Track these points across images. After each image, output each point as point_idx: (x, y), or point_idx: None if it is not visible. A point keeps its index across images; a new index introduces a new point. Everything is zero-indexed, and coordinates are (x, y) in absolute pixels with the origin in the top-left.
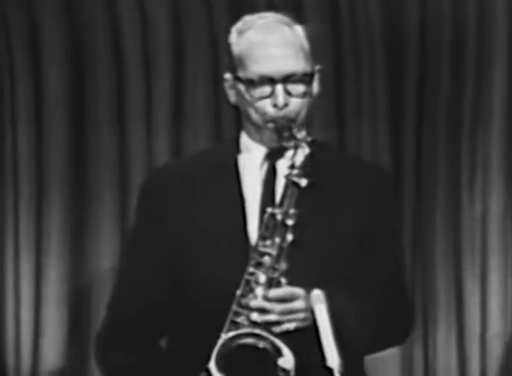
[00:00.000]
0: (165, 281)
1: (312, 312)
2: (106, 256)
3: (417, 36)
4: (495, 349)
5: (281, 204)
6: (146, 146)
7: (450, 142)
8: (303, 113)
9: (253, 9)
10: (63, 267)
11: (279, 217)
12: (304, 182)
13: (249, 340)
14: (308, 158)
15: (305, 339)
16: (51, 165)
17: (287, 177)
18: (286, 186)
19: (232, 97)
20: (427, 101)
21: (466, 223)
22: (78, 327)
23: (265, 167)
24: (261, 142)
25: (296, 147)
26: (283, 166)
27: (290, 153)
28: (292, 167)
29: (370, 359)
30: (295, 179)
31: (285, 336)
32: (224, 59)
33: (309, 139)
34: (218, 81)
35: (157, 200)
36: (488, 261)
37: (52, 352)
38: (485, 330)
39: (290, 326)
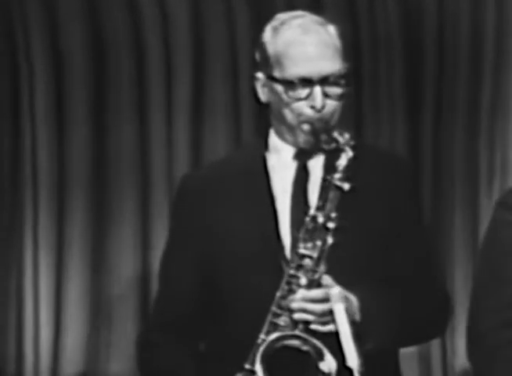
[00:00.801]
0: (200, 285)
1: (331, 311)
2: (126, 256)
3: (435, 34)
4: None
5: (323, 207)
6: (166, 143)
7: (468, 139)
8: (337, 116)
9: (272, 7)
10: (84, 268)
11: (320, 220)
12: (346, 186)
13: (292, 342)
14: (351, 162)
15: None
16: (71, 166)
17: (330, 180)
18: (328, 189)
19: (263, 96)
20: (445, 99)
21: (484, 220)
22: (98, 329)
23: (295, 167)
24: (294, 143)
25: (338, 150)
26: (314, 166)
27: (327, 155)
28: (334, 170)
29: None
30: (338, 183)
31: (326, 337)
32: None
33: (352, 142)
34: (237, 78)
35: (191, 205)
36: None
37: (72, 354)
38: None
39: (331, 327)
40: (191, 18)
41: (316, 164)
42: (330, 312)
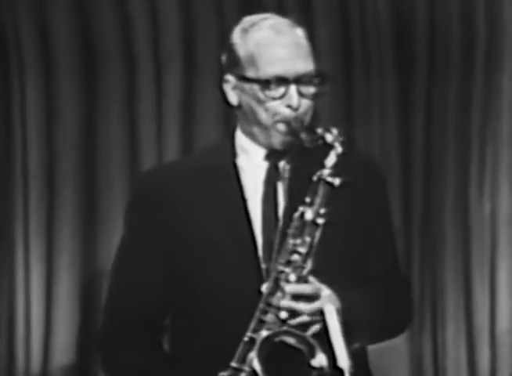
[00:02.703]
0: (164, 283)
1: (322, 312)
2: None
3: (426, 35)
4: (505, 346)
5: (312, 203)
6: (156, 144)
7: (459, 140)
8: (310, 115)
9: (263, 10)
10: (74, 267)
11: (310, 216)
12: (337, 181)
13: (285, 339)
14: (341, 157)
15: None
16: (61, 166)
17: (320, 176)
18: (318, 185)
19: (233, 98)
20: (436, 100)
21: (475, 221)
22: (89, 325)
23: (265, 167)
24: (267, 144)
25: (327, 147)
26: (284, 166)
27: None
28: (323, 166)
29: (379, 357)
30: (328, 179)
31: (314, 336)
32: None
33: (341, 138)
34: None
35: (152, 205)
36: (496, 258)
37: (63, 350)
38: (494, 327)
39: (318, 326)
40: (181, 20)
41: (286, 164)
42: (320, 312)
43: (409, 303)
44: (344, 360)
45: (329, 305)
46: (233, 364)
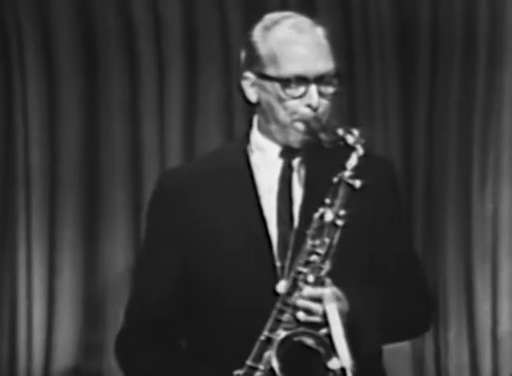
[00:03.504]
0: (182, 284)
1: (325, 312)
2: (119, 255)
3: (429, 35)
4: (507, 346)
5: (332, 204)
6: (158, 144)
7: (461, 142)
8: (328, 115)
9: (266, 9)
10: (76, 268)
11: (329, 217)
12: (358, 183)
13: (304, 339)
14: (362, 159)
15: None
16: (63, 165)
17: (341, 178)
18: (338, 187)
19: (252, 95)
20: (438, 100)
21: (476, 223)
22: (91, 327)
23: (280, 165)
24: (284, 141)
25: (349, 148)
26: (299, 164)
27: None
28: (344, 168)
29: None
30: (349, 181)
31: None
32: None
33: (363, 140)
34: (230, 80)
35: (170, 205)
36: (498, 260)
37: (65, 351)
38: (496, 328)
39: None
40: (184, 19)
41: (301, 162)
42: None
43: (426, 305)
44: (346, 359)
45: (331, 303)
46: (249, 363)
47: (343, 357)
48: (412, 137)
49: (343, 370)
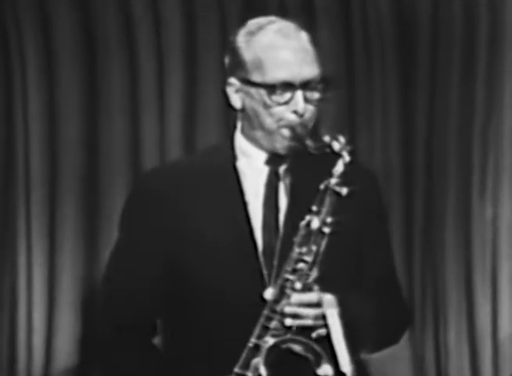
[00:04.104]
0: (161, 285)
1: (324, 317)
2: None
3: (428, 37)
4: (507, 350)
5: (319, 212)
6: (159, 143)
7: (461, 144)
8: (313, 121)
9: (265, 12)
10: (76, 267)
11: (316, 225)
12: (344, 190)
13: (292, 346)
14: (348, 167)
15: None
16: (63, 166)
17: (327, 185)
18: (325, 194)
19: (237, 102)
20: (437, 104)
21: (476, 226)
22: (91, 328)
23: (266, 171)
24: (270, 148)
25: (335, 155)
26: (284, 171)
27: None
28: (331, 175)
29: (381, 360)
30: (336, 188)
31: (319, 341)
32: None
33: (349, 147)
34: None
35: (149, 209)
36: (498, 263)
37: (65, 352)
38: (496, 332)
39: (324, 331)
40: (183, 19)
41: (287, 169)
42: (323, 317)
43: (405, 310)
44: (346, 364)
45: (332, 308)
46: (237, 370)
47: (343, 362)
48: (411, 138)
49: (343, 375)
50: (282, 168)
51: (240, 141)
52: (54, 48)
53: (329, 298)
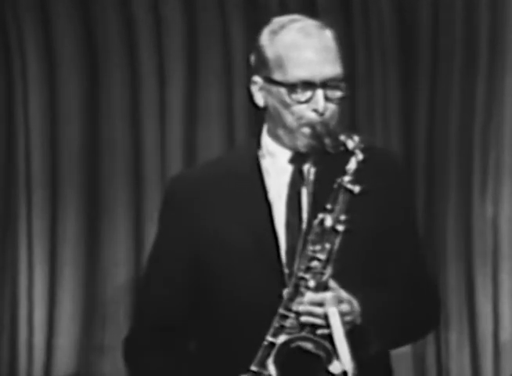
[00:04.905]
0: (191, 288)
1: (326, 315)
2: (120, 257)
3: (429, 39)
4: (508, 349)
5: (332, 210)
6: (159, 145)
7: (462, 144)
8: (335, 119)
9: (266, 13)
10: (77, 270)
11: (329, 223)
12: (357, 188)
13: (304, 344)
14: (361, 164)
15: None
16: (64, 166)
17: (340, 183)
18: (338, 192)
19: (260, 100)
20: (438, 103)
21: (477, 225)
22: (92, 331)
23: (290, 170)
24: (292, 146)
25: (348, 153)
26: (308, 170)
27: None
28: (344, 173)
29: None
30: (349, 186)
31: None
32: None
33: (362, 145)
34: (232, 82)
35: (180, 210)
36: (499, 262)
37: (66, 353)
38: (498, 331)
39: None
40: (185, 20)
41: (310, 168)
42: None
43: (434, 307)
44: (347, 362)
45: (333, 307)
46: (253, 368)
47: (344, 360)
48: (412, 138)
49: (344, 373)
50: (305, 167)
51: (266, 140)
52: (55, 48)
53: (330, 297)
